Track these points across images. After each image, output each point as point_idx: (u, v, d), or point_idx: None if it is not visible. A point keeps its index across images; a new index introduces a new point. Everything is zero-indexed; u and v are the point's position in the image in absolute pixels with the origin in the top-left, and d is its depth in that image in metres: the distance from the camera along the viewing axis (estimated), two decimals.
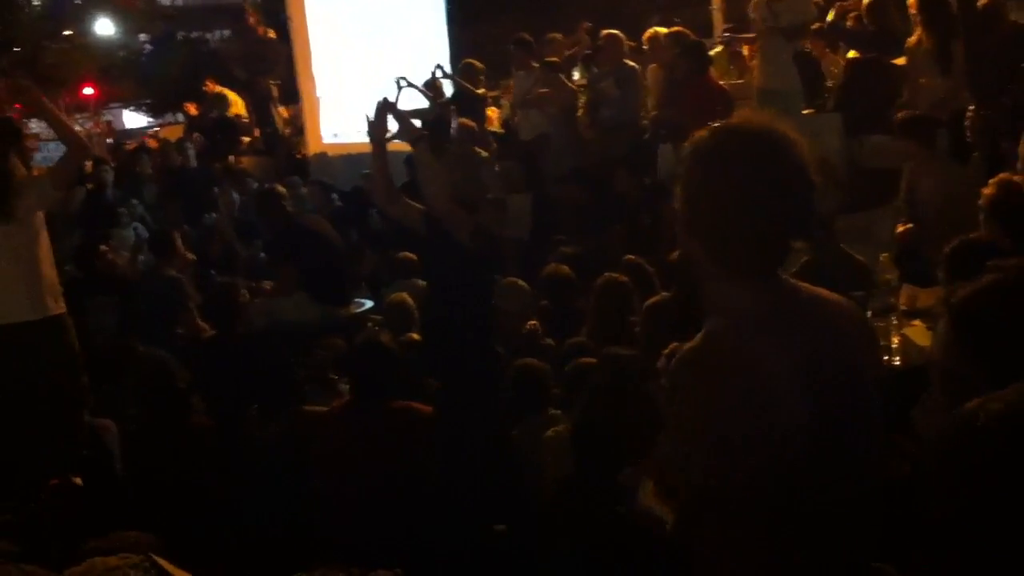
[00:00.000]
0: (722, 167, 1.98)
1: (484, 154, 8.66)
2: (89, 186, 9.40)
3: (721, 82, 8.96)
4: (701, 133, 2.03)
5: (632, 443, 3.64)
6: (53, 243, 5.24)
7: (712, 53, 9.44)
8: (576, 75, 10.79)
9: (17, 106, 12.31)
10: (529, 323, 5.89)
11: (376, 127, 4.76)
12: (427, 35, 11.45)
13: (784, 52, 8.49)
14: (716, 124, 2.04)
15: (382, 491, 4.25)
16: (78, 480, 4.49)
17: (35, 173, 5.73)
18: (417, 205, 4.82)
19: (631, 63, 9.43)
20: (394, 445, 4.28)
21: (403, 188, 6.03)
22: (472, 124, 9.16)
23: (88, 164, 9.11)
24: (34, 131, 14.93)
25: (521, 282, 6.08)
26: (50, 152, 14.72)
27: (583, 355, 4.85)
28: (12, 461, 4.88)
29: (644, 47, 9.68)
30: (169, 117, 28.48)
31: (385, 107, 4.80)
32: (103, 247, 7.27)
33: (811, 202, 1.99)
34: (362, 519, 4.22)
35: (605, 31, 9.69)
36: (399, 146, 4.80)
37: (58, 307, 5.07)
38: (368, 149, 4.92)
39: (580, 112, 9.71)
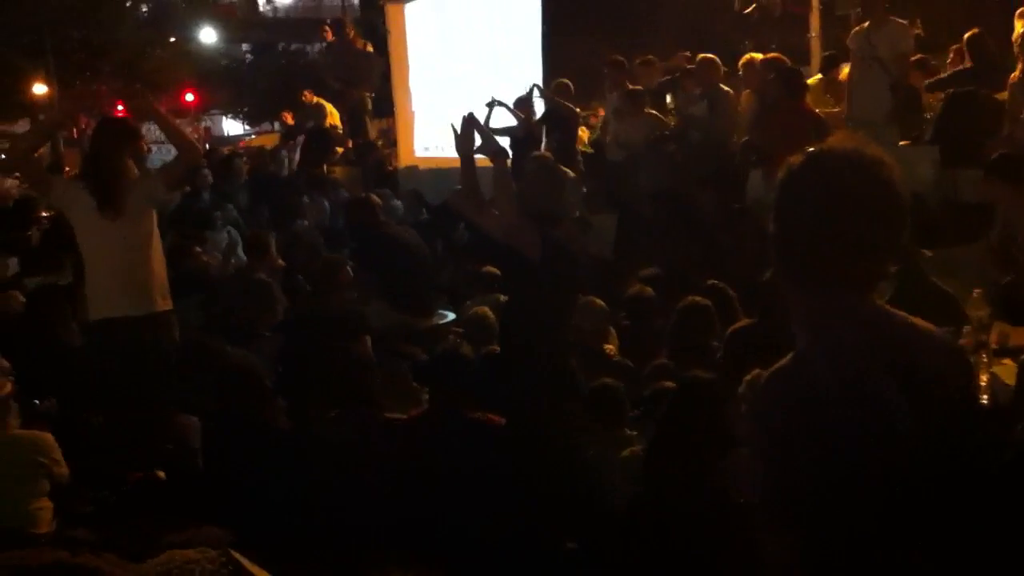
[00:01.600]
0: (817, 187, 2.00)
1: (571, 173, 8.68)
2: (186, 188, 9.64)
3: (816, 110, 8.88)
4: (798, 155, 2.05)
5: (705, 467, 3.64)
6: None
7: (809, 81, 9.36)
8: (668, 98, 10.78)
9: (119, 104, 12.69)
10: (606, 346, 5.89)
11: (462, 141, 4.82)
12: (522, 52, 11.54)
13: (881, 82, 8.39)
14: (812, 147, 2.05)
15: (455, 501, 4.29)
16: (161, 474, 4.59)
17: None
18: (499, 218, 4.86)
19: (724, 87, 9.40)
20: (469, 456, 4.31)
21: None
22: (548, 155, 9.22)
23: None
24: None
25: (599, 301, 6.07)
26: (163, 156, 15.15)
27: (663, 377, 4.83)
28: (99, 451, 5.03)
29: (739, 72, 9.64)
30: (265, 125, 29.16)
31: (470, 122, 4.86)
32: (197, 248, 7.46)
33: (905, 226, 1.99)
34: (434, 528, 4.26)
35: (700, 55, 9.67)
36: (487, 162, 4.86)
37: (165, 304, 5.21)
38: (457, 164, 4.98)
39: (671, 136, 9.71)
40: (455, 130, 4.83)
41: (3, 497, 4.48)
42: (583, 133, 11.06)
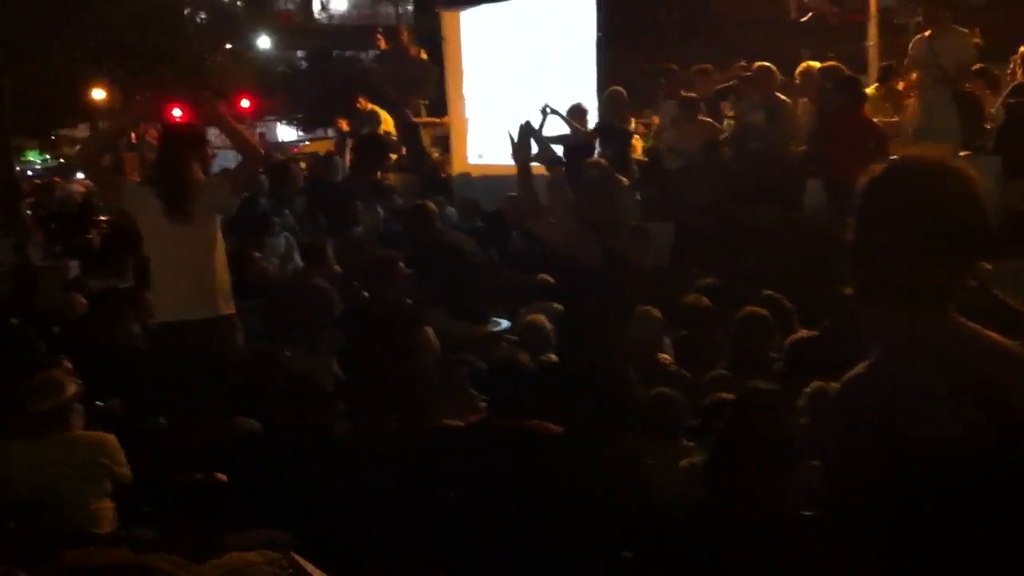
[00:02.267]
0: (900, 198, 1.99)
1: (625, 182, 8.67)
2: (245, 194, 9.75)
3: (875, 119, 8.79)
4: (879, 165, 2.04)
5: (765, 480, 3.62)
6: None
7: (868, 90, 9.27)
8: (725, 106, 10.73)
9: (177, 108, 12.84)
10: (662, 356, 5.86)
11: (519, 149, 4.83)
12: (576, 61, 11.54)
13: (943, 92, 8.29)
14: (894, 159, 2.05)
15: (511, 509, 4.29)
16: (221, 477, 4.64)
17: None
18: (556, 226, 4.86)
19: (782, 96, 9.33)
20: (526, 464, 4.32)
21: None
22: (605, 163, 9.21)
23: None
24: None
25: (655, 310, 6.05)
26: (228, 162, 15.34)
27: (721, 388, 4.81)
28: (161, 453, 5.10)
29: (796, 80, 9.56)
30: (319, 132, 29.41)
31: (528, 130, 4.87)
32: (256, 254, 7.54)
33: (986, 239, 1.98)
34: (489, 536, 4.27)
35: (757, 63, 9.61)
36: (541, 169, 4.87)
37: (228, 308, 5.28)
38: (511, 171, 5.00)
39: (726, 143, 9.66)
40: (512, 138, 4.85)
41: (67, 496, 4.55)
42: (637, 142, 11.03)
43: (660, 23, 12.06)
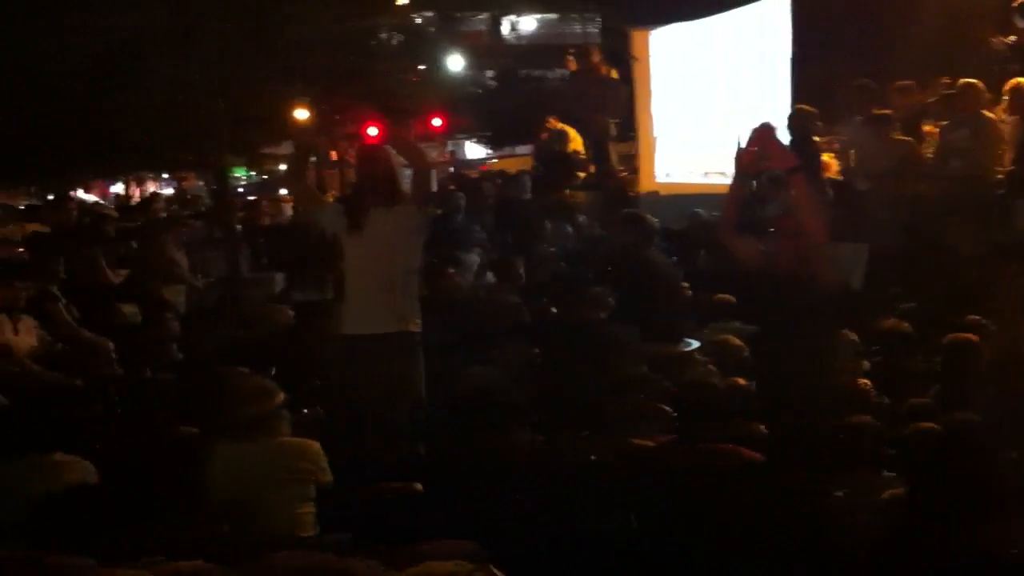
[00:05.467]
0: None
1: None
2: (439, 211, 10.01)
3: None
4: None
5: (972, 515, 3.46)
6: None
7: None
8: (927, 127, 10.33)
9: (371, 127, 13.24)
10: (860, 381, 5.68)
11: (746, 155, 4.68)
12: (769, 77, 11.35)
13: None
14: None
15: (700, 532, 4.25)
16: (418, 487, 4.76)
17: None
18: (758, 244, 4.78)
19: (988, 114, 8.93)
20: (717, 487, 4.27)
21: None
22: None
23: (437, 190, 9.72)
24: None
25: (851, 334, 5.88)
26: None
27: (923, 418, 4.63)
28: (360, 461, 5.28)
29: (1004, 98, 9.14)
30: (507, 150, 29.83)
31: (765, 133, 4.70)
32: (450, 269, 7.73)
33: None
34: (677, 557, 4.24)
35: (962, 80, 9.23)
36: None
37: (414, 326, 5.42)
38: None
39: (924, 162, 9.31)
40: (740, 144, 4.69)
41: (272, 501, 4.71)
42: (831, 161, 10.74)
43: (859, 39, 11.69)
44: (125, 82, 11.92)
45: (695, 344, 6.78)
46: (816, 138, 10.10)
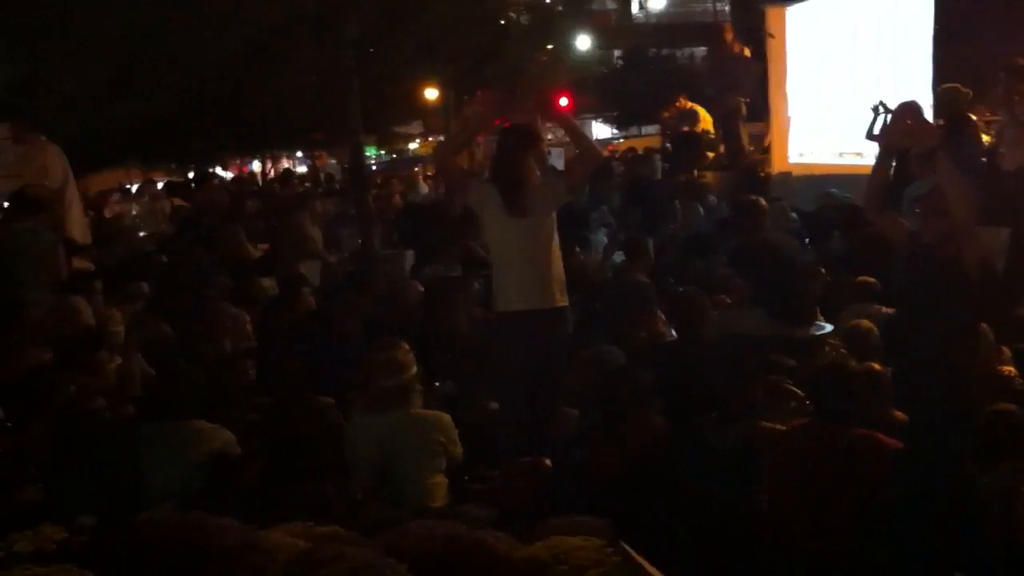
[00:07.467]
0: None
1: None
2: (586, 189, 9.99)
3: None
4: None
5: None
6: None
7: None
8: None
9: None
10: (1005, 368, 5.49)
11: (893, 129, 4.55)
12: (910, 55, 10.97)
13: None
14: None
15: (832, 518, 4.19)
16: (547, 461, 4.81)
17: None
18: (904, 223, 4.64)
19: None
20: (853, 473, 4.20)
21: None
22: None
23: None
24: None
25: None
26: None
27: None
28: (491, 435, 5.37)
29: None
30: (633, 130, 29.68)
31: (910, 109, 4.56)
32: (576, 248, 7.74)
33: None
34: (806, 541, 4.19)
35: None
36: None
37: (563, 299, 5.44)
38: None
39: None
40: (879, 111, 4.54)
41: (405, 471, 4.85)
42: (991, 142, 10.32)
43: (1006, 13, 11.20)
44: (266, 66, 12.30)
45: (827, 328, 6.66)
46: (973, 116, 9.74)
